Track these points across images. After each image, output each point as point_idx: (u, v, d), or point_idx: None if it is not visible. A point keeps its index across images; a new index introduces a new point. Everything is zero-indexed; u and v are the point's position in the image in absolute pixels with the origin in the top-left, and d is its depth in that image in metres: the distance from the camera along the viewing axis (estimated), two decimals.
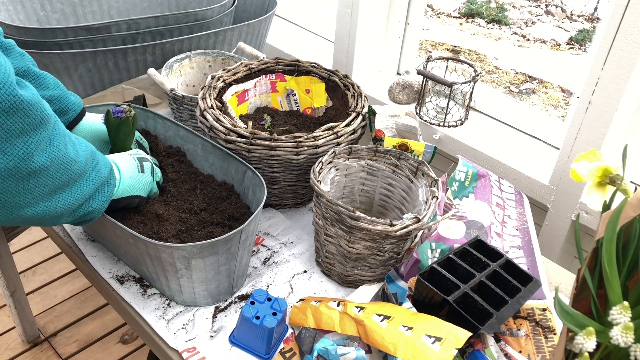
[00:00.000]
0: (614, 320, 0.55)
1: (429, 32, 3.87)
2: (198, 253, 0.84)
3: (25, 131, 0.62)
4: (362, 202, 1.12)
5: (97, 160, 0.80)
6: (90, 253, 1.05)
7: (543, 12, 4.23)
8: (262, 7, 1.73)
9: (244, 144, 1.02)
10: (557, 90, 3.31)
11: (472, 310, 0.84)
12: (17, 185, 0.64)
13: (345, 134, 1.07)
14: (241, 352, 0.88)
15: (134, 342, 1.81)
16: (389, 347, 0.77)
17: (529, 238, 1.09)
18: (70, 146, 0.73)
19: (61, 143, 0.70)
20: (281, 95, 1.29)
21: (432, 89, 1.42)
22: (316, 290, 1.01)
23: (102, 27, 1.34)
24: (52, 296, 1.93)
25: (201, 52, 1.44)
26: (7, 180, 0.63)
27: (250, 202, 1.00)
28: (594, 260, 0.65)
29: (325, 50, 1.79)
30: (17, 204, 0.66)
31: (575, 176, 0.76)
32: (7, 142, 0.60)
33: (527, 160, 1.32)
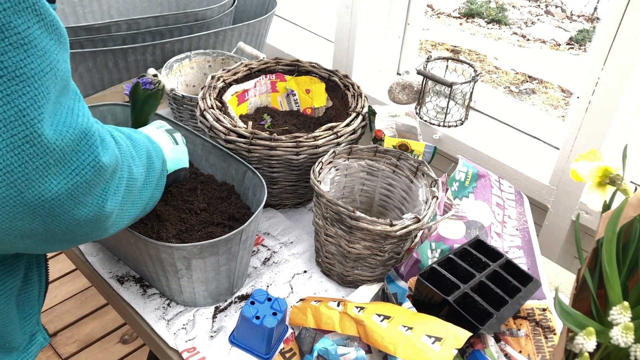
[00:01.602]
0: (614, 320, 0.55)
1: (429, 32, 3.87)
2: (198, 253, 0.84)
3: (104, 180, 0.60)
4: (362, 202, 1.12)
5: (152, 159, 0.76)
6: (90, 253, 1.05)
7: (543, 12, 4.24)
8: (262, 7, 1.73)
9: (244, 144, 1.02)
10: (557, 90, 3.31)
11: (472, 310, 0.84)
12: (93, 227, 0.61)
13: (345, 134, 1.07)
14: (241, 352, 0.88)
15: (134, 342, 1.81)
16: (389, 347, 0.77)
17: (529, 238, 1.09)
18: (134, 166, 0.68)
19: (125, 173, 0.65)
20: (281, 95, 1.29)
21: (432, 89, 1.42)
22: (316, 290, 1.01)
23: (102, 27, 1.34)
24: (52, 296, 1.93)
25: (201, 52, 1.44)
26: (84, 227, 0.60)
27: (250, 202, 1.00)
28: (594, 260, 0.65)
29: (325, 50, 1.80)
30: (90, 237, 0.64)
31: (575, 176, 0.76)
32: (89, 196, 0.58)
33: (527, 160, 1.32)
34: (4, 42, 0.47)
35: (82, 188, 0.56)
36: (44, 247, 0.60)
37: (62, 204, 0.55)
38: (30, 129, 0.50)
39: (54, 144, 0.52)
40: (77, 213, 0.57)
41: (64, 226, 0.57)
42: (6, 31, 0.47)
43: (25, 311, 0.74)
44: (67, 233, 0.58)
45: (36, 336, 0.78)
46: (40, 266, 0.75)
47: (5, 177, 0.50)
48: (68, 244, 0.62)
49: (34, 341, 0.77)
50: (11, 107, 0.48)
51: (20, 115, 0.49)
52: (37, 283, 0.74)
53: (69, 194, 0.55)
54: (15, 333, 0.71)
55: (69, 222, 0.57)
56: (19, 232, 0.54)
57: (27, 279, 0.72)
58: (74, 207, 0.56)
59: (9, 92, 0.48)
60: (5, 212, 0.51)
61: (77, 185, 0.55)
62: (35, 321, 0.77)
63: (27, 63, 0.49)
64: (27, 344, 0.76)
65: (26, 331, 0.74)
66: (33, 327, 0.76)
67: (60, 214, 0.55)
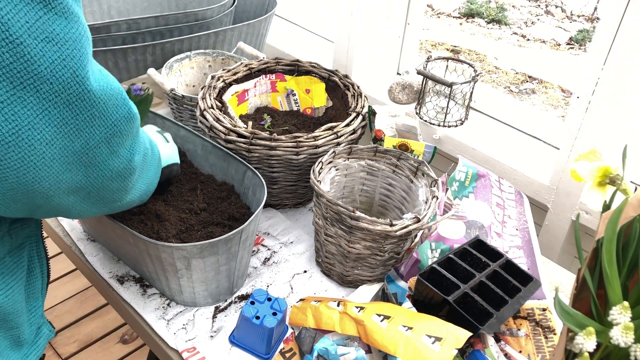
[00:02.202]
0: (614, 320, 0.55)
1: (429, 32, 3.87)
2: (198, 253, 0.84)
3: (132, 134, 0.67)
4: (362, 202, 1.12)
5: (152, 143, 0.81)
6: (90, 253, 1.05)
7: (543, 12, 4.24)
8: (262, 7, 1.73)
9: (244, 144, 1.02)
10: (557, 90, 3.31)
11: (472, 310, 0.84)
12: (119, 184, 0.68)
13: (345, 134, 1.07)
14: (241, 352, 0.88)
15: (134, 342, 1.81)
16: (389, 347, 0.77)
17: (529, 238, 1.09)
18: (144, 136, 0.75)
19: (143, 137, 0.73)
20: (281, 95, 1.29)
21: (432, 89, 1.42)
22: (316, 290, 1.01)
23: (102, 27, 1.34)
24: (52, 296, 1.93)
25: (201, 52, 1.44)
26: (115, 181, 0.67)
27: (250, 202, 1.00)
28: (594, 260, 0.65)
29: (325, 50, 1.79)
30: (112, 199, 0.70)
31: (575, 176, 0.76)
32: (122, 147, 0.65)
33: (527, 160, 1.32)
34: (51, 12, 0.52)
35: (117, 138, 0.63)
36: (82, 207, 0.67)
37: (102, 152, 0.62)
38: (82, 86, 0.56)
39: (99, 97, 0.59)
40: (111, 163, 0.64)
41: (100, 177, 0.64)
42: (52, 2, 0.52)
43: (31, 303, 0.76)
44: (102, 189, 0.66)
45: (42, 329, 0.80)
46: (41, 258, 0.78)
47: (61, 129, 0.56)
48: (101, 204, 0.69)
49: (40, 334, 0.80)
50: (67, 70, 0.54)
51: (74, 75, 0.55)
52: (39, 275, 0.77)
53: (107, 142, 0.62)
54: (24, 325, 0.74)
55: (105, 173, 0.64)
56: (67, 186, 0.61)
57: (31, 270, 0.75)
58: (110, 157, 0.64)
59: (64, 56, 0.53)
60: (59, 163, 0.58)
61: (114, 135, 0.62)
62: (40, 314, 0.79)
63: (70, 29, 0.54)
64: (34, 337, 0.78)
65: (33, 323, 0.77)
66: (39, 319, 0.79)
67: (100, 163, 0.62)
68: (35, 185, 0.57)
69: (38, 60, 0.51)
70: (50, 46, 0.52)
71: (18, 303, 0.70)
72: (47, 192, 0.59)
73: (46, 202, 0.61)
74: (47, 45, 0.52)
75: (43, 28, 0.51)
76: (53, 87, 0.53)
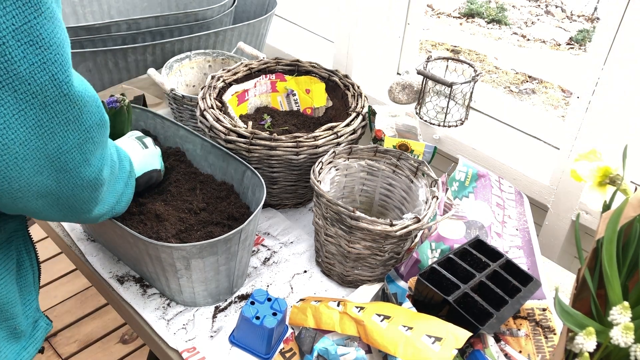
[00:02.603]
0: (614, 320, 0.55)
1: (429, 32, 3.87)
2: (198, 253, 0.84)
3: (104, 144, 0.67)
4: (362, 202, 1.12)
5: (121, 156, 0.81)
6: (90, 253, 1.05)
7: (543, 12, 4.24)
8: (262, 7, 1.73)
9: (244, 144, 1.02)
10: (557, 90, 3.31)
11: (472, 310, 0.84)
12: (90, 194, 0.69)
13: (345, 134, 1.07)
14: (241, 352, 0.88)
15: (134, 342, 1.81)
16: (389, 347, 0.77)
17: (529, 238, 1.09)
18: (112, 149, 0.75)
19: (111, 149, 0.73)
20: (281, 95, 1.29)
21: (432, 89, 1.42)
22: (316, 290, 1.01)
23: (102, 27, 1.34)
24: (52, 296, 1.93)
25: (201, 52, 1.44)
26: (85, 190, 0.67)
27: (249, 202, 1.00)
28: (594, 260, 0.65)
29: (325, 50, 1.79)
30: (80, 210, 0.70)
31: (575, 176, 0.76)
32: (93, 155, 0.65)
33: (527, 160, 1.32)
34: (40, 16, 0.53)
35: (89, 144, 0.64)
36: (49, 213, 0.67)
37: (74, 158, 0.62)
38: (59, 90, 0.57)
39: (76, 102, 0.59)
40: (83, 171, 0.65)
41: (71, 185, 0.64)
42: (42, 6, 0.53)
43: (24, 296, 0.77)
44: (71, 197, 0.66)
45: (39, 322, 0.81)
46: (29, 252, 0.78)
47: (35, 130, 0.57)
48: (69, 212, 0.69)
49: (37, 327, 0.80)
50: (45, 74, 0.55)
51: (52, 79, 0.55)
52: (29, 268, 0.78)
53: (79, 148, 0.62)
54: (20, 316, 0.74)
55: (76, 180, 0.64)
56: (36, 189, 0.61)
57: (20, 264, 0.76)
58: (82, 164, 0.64)
59: (45, 60, 0.54)
60: (31, 165, 0.58)
61: (87, 141, 0.63)
62: (35, 307, 0.80)
63: (55, 33, 0.55)
64: (32, 330, 0.79)
65: (29, 316, 0.78)
66: (34, 312, 0.79)
67: (72, 169, 0.63)
68: (4, 185, 0.58)
69: (18, 61, 0.52)
70: (33, 49, 0.53)
71: (11, 293, 0.71)
72: (15, 193, 0.59)
73: (12, 203, 0.61)
74: (30, 48, 0.53)
75: (30, 32, 0.52)
76: (30, 89, 0.54)
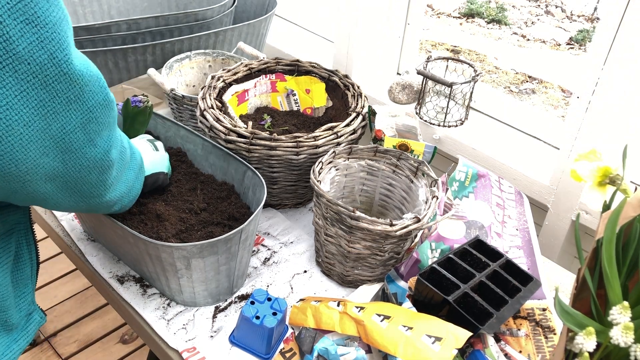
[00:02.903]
0: (614, 320, 0.55)
1: (429, 32, 3.87)
2: (198, 253, 0.84)
3: (110, 125, 0.67)
4: (362, 202, 1.12)
5: (133, 149, 0.82)
6: (90, 253, 1.05)
7: (543, 12, 4.24)
8: (262, 7, 1.73)
9: (244, 144, 1.02)
10: (557, 90, 3.31)
11: (472, 310, 0.84)
12: (98, 176, 0.69)
13: (345, 134, 1.07)
14: (241, 352, 0.88)
15: (134, 342, 1.81)
16: (389, 347, 0.77)
17: (529, 238, 1.09)
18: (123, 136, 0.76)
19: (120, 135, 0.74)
20: (281, 95, 1.29)
21: (432, 89, 1.42)
22: (316, 290, 1.01)
23: (102, 27, 1.34)
24: (52, 296, 1.93)
25: (201, 52, 1.44)
26: (92, 172, 0.67)
27: (250, 202, 1.00)
28: (594, 260, 0.65)
29: (325, 50, 1.79)
30: (90, 194, 0.71)
31: (575, 176, 0.76)
32: (99, 135, 0.65)
33: (527, 160, 1.32)
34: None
35: (93, 124, 0.64)
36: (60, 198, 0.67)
37: (78, 138, 0.62)
38: (58, 69, 0.56)
39: (77, 81, 0.59)
40: (88, 151, 0.65)
41: (78, 166, 0.65)
42: None
43: (20, 289, 0.77)
44: (79, 179, 0.66)
45: (33, 315, 0.81)
46: (29, 245, 0.78)
47: (38, 111, 0.57)
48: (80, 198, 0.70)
49: (31, 320, 0.80)
50: (44, 52, 0.55)
51: (51, 57, 0.55)
52: (28, 261, 0.78)
53: (83, 128, 0.62)
54: (12, 309, 0.74)
55: (82, 161, 0.65)
56: (44, 171, 0.61)
57: (19, 256, 0.76)
58: (87, 145, 0.64)
59: (42, 38, 0.54)
60: (37, 146, 0.58)
61: (90, 121, 0.63)
62: (30, 300, 0.80)
63: (51, 12, 0.55)
64: (25, 323, 0.79)
65: (22, 309, 0.78)
66: (28, 305, 0.79)
67: (76, 149, 0.63)
68: (12, 168, 0.58)
69: (16, 40, 0.52)
70: (29, 27, 0.53)
71: (3, 287, 0.71)
72: (24, 176, 0.59)
73: (22, 188, 0.61)
74: (27, 27, 0.53)
75: (24, 10, 0.52)
76: (30, 68, 0.54)
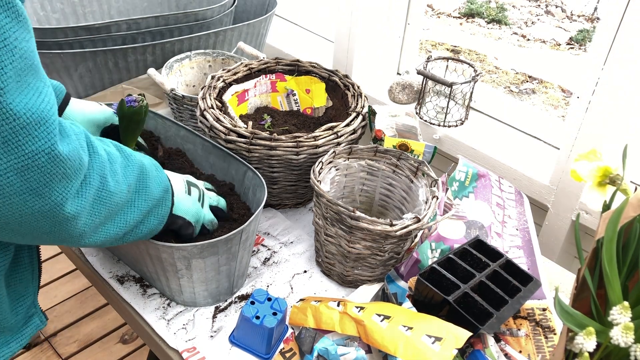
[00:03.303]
0: (614, 320, 0.55)
1: (429, 32, 3.87)
2: (198, 253, 0.84)
3: (66, 176, 0.60)
4: (362, 202, 1.12)
5: (146, 182, 0.74)
6: (90, 253, 1.05)
7: (543, 12, 4.24)
8: (262, 7, 1.73)
9: (244, 144, 1.02)
10: (557, 90, 3.31)
11: (472, 310, 0.84)
12: (52, 227, 0.62)
13: (345, 134, 1.07)
14: (241, 352, 0.88)
15: (134, 342, 1.81)
16: (389, 347, 0.77)
17: (529, 238, 1.09)
18: (110, 177, 0.68)
19: (96, 179, 0.65)
20: (281, 95, 1.29)
21: (432, 89, 1.42)
22: (316, 290, 1.01)
23: (102, 27, 1.34)
24: (52, 296, 1.93)
25: (201, 52, 1.44)
26: (41, 221, 0.60)
27: (250, 202, 1.00)
28: (594, 260, 0.65)
29: (325, 50, 1.79)
30: (54, 240, 0.65)
31: (575, 176, 0.76)
32: (46, 186, 0.58)
33: (527, 160, 1.32)
34: None
35: (35, 174, 0.56)
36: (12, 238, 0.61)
37: (12, 183, 0.55)
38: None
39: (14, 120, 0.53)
40: (30, 201, 0.57)
41: (18, 214, 0.58)
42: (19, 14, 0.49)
43: (18, 292, 0.74)
44: (24, 224, 0.59)
45: (32, 318, 0.79)
46: (31, 248, 0.76)
47: None
48: (34, 238, 0.62)
49: (29, 323, 0.78)
50: None
51: None
52: (28, 264, 0.75)
53: (19, 174, 0.55)
54: (6, 312, 0.72)
55: (23, 210, 0.58)
56: None
57: (18, 259, 0.73)
58: (27, 193, 0.57)
59: None
60: None
61: (29, 169, 0.56)
62: (31, 302, 0.77)
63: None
64: (22, 326, 0.77)
65: (19, 312, 0.75)
66: (28, 309, 0.77)
67: (12, 195, 0.56)
68: None
69: None
70: None
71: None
72: None
73: None
74: None
75: None
76: None
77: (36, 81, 0.55)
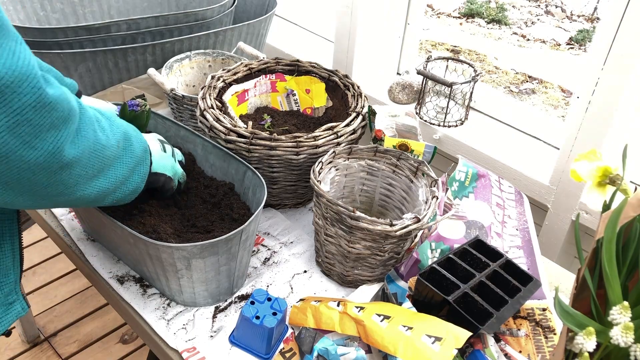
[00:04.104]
0: (614, 320, 0.55)
1: (429, 32, 3.87)
2: (198, 253, 0.84)
3: (54, 125, 0.61)
4: (362, 202, 1.12)
5: (130, 141, 0.78)
6: (90, 253, 1.05)
7: (543, 12, 4.24)
8: (262, 7, 1.73)
9: (244, 144, 1.02)
10: (557, 90, 3.31)
11: (472, 310, 0.84)
12: (49, 178, 0.64)
13: (345, 134, 1.07)
14: (241, 352, 0.88)
15: (134, 342, 1.81)
16: (389, 347, 0.77)
17: (529, 238, 1.09)
18: (100, 132, 0.71)
19: (89, 131, 0.68)
20: (281, 95, 1.29)
21: (432, 89, 1.42)
22: (316, 290, 1.01)
23: (102, 27, 1.34)
24: (52, 296, 1.93)
25: (201, 52, 1.44)
26: (38, 174, 0.62)
27: (250, 202, 1.00)
28: (594, 260, 0.65)
29: (325, 50, 1.80)
30: (49, 194, 0.66)
31: (575, 176, 0.76)
32: (37, 138, 0.59)
33: (527, 160, 1.32)
34: None
35: (26, 127, 0.57)
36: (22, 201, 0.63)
37: (7, 142, 0.56)
38: None
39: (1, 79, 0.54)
40: (25, 155, 0.59)
41: (15, 170, 0.59)
42: None
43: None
44: (23, 181, 0.61)
45: (14, 305, 0.80)
46: (13, 235, 0.77)
47: None
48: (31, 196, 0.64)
49: (10, 310, 0.79)
50: None
51: None
52: (9, 251, 0.77)
53: (11, 132, 0.56)
54: None
55: (17, 164, 0.59)
56: None
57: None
58: (21, 148, 0.58)
59: None
60: None
61: (20, 124, 0.57)
62: (9, 290, 0.78)
63: None
64: (2, 312, 0.78)
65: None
66: (7, 296, 0.78)
67: (8, 154, 0.57)
68: None
69: None
70: None
71: None
72: None
73: None
74: None
75: None
76: None
77: (8, 41, 0.55)
